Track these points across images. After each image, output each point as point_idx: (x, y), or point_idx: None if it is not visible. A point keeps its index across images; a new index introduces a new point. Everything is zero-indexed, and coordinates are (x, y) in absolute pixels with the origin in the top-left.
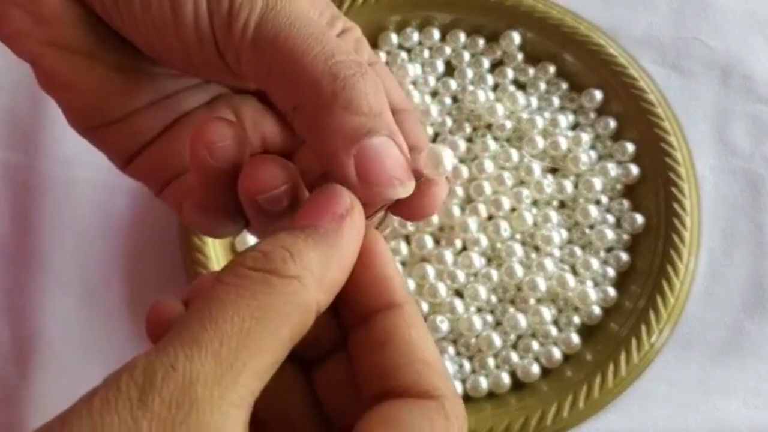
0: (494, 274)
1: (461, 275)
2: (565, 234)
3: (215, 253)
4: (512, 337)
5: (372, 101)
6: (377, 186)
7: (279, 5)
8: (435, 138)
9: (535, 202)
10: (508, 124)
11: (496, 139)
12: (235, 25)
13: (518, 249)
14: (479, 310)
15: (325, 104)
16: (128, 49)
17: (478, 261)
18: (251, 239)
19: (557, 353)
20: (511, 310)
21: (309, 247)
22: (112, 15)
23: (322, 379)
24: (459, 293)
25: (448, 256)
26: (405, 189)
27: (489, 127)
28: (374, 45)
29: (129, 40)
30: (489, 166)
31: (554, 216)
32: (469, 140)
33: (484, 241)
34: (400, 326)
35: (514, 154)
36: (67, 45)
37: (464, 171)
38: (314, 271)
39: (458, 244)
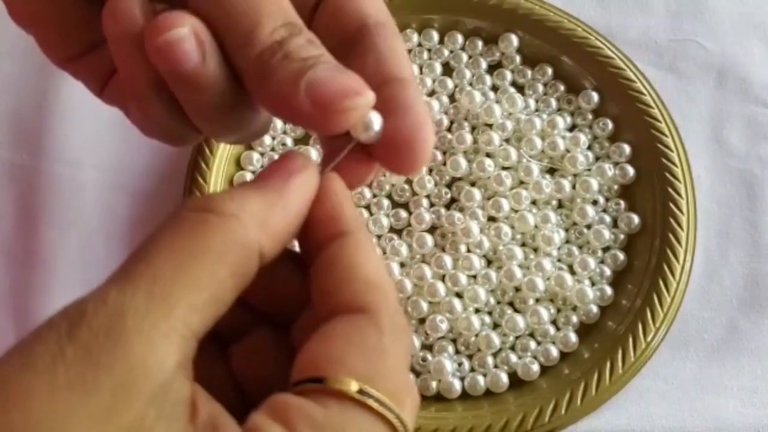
0: (493, 275)
1: (463, 278)
2: (563, 234)
3: None
4: (511, 338)
5: (309, 49)
6: (333, 105)
7: None
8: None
9: (534, 203)
10: (509, 125)
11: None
12: None
13: (518, 252)
14: (477, 310)
15: (266, 59)
16: None
17: (478, 263)
18: None
19: (554, 351)
20: (509, 312)
21: (251, 192)
22: None
23: (296, 332)
24: (458, 294)
25: (448, 260)
26: (365, 99)
27: (490, 126)
28: None
29: None
30: (489, 165)
31: (553, 216)
32: (474, 142)
33: (486, 244)
34: (345, 250)
35: (513, 153)
36: None
37: (463, 164)
38: (254, 214)
39: (462, 249)
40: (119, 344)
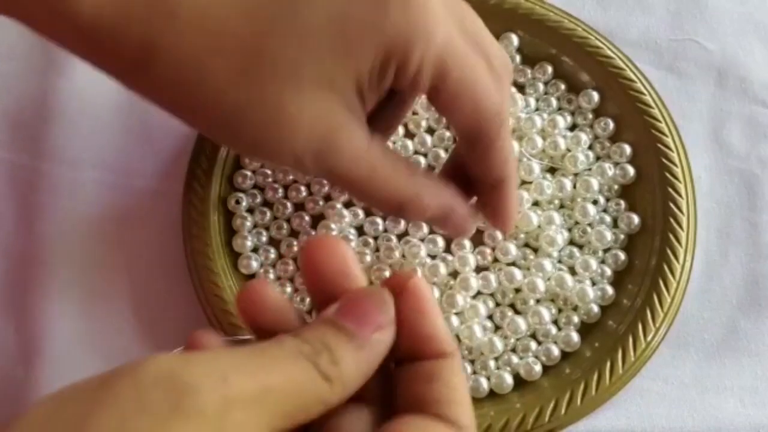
0: (492, 278)
1: (460, 299)
2: (566, 234)
3: (219, 255)
4: (512, 340)
5: (426, 207)
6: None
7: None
8: (432, 133)
9: (536, 203)
10: (510, 122)
11: None
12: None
13: (518, 253)
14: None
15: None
16: None
17: (474, 283)
18: (249, 240)
19: (555, 351)
20: (510, 314)
21: (349, 355)
22: None
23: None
24: (457, 314)
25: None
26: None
27: None
28: None
29: None
30: None
31: (557, 217)
32: None
33: (486, 250)
34: (447, 371)
35: (515, 147)
36: None
37: None
38: (345, 381)
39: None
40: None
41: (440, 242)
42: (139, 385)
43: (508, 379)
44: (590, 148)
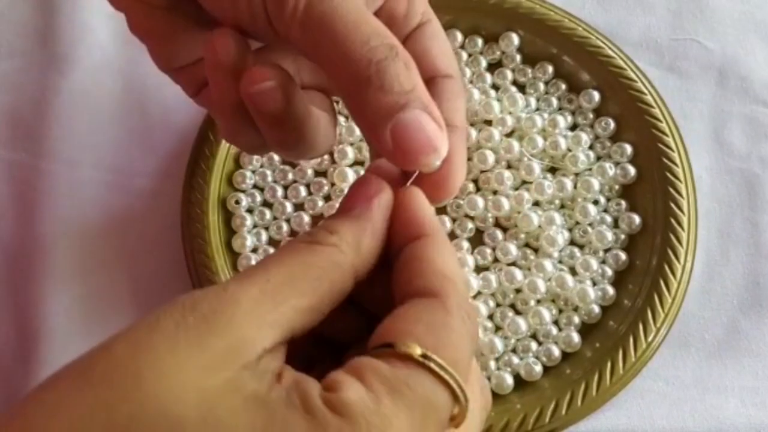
0: (493, 279)
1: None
2: (567, 235)
3: (218, 255)
4: (513, 341)
5: (403, 81)
6: (411, 154)
7: None
8: None
9: (537, 203)
10: (509, 120)
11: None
12: (286, 5)
13: (519, 253)
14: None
15: (362, 85)
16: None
17: (475, 283)
18: (249, 240)
19: (556, 351)
20: (510, 314)
21: (345, 224)
22: None
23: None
24: None
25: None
26: (438, 156)
27: (489, 123)
28: None
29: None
30: (491, 157)
31: (558, 218)
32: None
33: (487, 250)
34: (423, 248)
35: (515, 145)
36: (149, 1)
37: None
38: (350, 241)
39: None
40: (233, 319)
41: None
42: (173, 317)
43: (509, 380)
44: (591, 147)
